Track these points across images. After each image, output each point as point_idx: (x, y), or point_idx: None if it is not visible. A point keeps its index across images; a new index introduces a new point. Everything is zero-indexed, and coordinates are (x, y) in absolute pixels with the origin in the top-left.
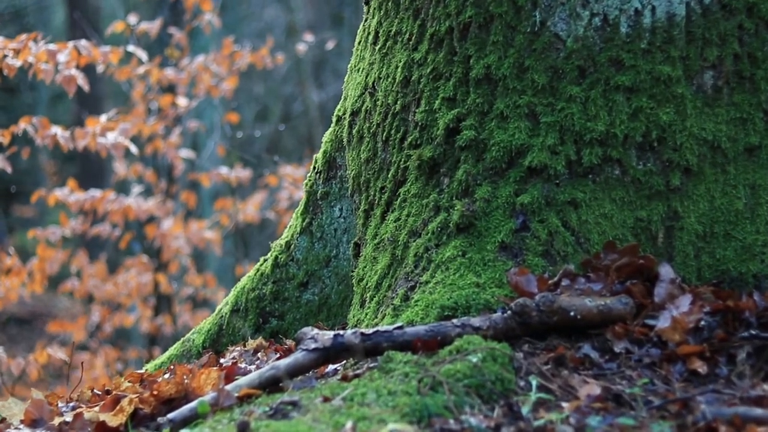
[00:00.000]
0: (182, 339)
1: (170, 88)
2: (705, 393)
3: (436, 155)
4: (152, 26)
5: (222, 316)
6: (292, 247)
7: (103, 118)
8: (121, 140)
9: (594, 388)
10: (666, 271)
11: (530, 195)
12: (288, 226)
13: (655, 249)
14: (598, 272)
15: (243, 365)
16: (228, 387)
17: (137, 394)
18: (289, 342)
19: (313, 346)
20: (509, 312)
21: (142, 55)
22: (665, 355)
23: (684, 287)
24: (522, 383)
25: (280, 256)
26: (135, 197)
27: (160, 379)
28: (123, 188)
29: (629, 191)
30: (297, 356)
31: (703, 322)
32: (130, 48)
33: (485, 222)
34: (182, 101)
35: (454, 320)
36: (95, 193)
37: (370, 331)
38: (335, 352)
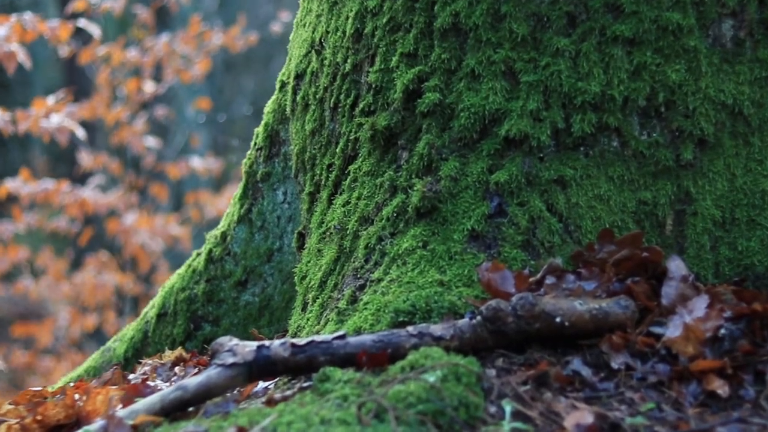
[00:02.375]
0: (102, 348)
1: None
2: (727, 423)
3: (392, 124)
4: (116, 4)
5: (147, 321)
6: (229, 238)
7: (51, 100)
8: (67, 123)
9: (585, 416)
10: (676, 266)
11: (507, 172)
12: (225, 214)
13: (663, 239)
14: (592, 268)
15: (157, 382)
16: (122, 413)
17: (19, 419)
18: None
19: (230, 360)
20: (479, 318)
21: (95, 30)
22: (676, 373)
23: (699, 286)
24: (493, 409)
25: (214, 250)
26: (92, 189)
27: (49, 400)
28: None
29: (630, 167)
30: (210, 374)
31: (723, 331)
32: (81, 24)
33: (452, 205)
34: (149, 86)
35: (410, 328)
36: (48, 184)
37: (304, 341)
38: (259, 368)
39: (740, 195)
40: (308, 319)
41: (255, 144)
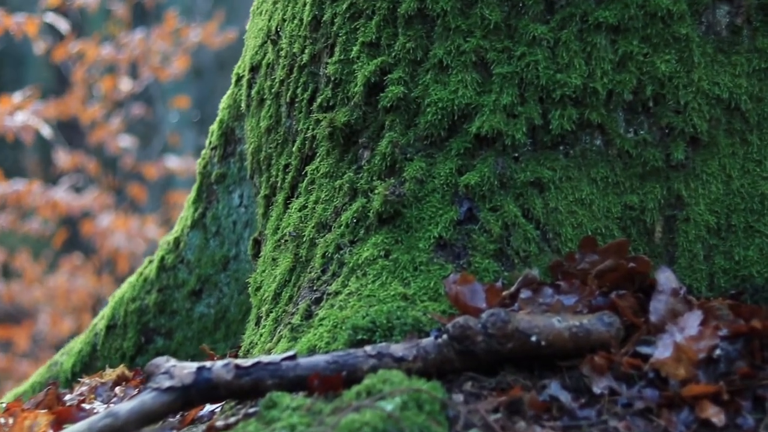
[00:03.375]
0: (49, 362)
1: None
2: None
3: (352, 120)
4: (91, 0)
5: (96, 333)
6: (182, 245)
7: (17, 97)
8: (32, 122)
9: None
10: (666, 278)
11: (478, 173)
12: (179, 218)
13: (651, 247)
14: (572, 280)
15: (95, 404)
16: None
17: None
18: None
19: (166, 384)
20: (445, 336)
21: (63, 25)
22: (665, 398)
23: (691, 301)
24: None
25: (167, 257)
26: (65, 190)
27: None
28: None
29: (615, 168)
30: (144, 399)
31: (718, 351)
32: (48, 19)
33: (417, 210)
34: (126, 84)
35: (368, 347)
36: (19, 185)
37: (250, 362)
38: (199, 392)
39: (737, 199)
40: (261, 335)
41: (210, 143)
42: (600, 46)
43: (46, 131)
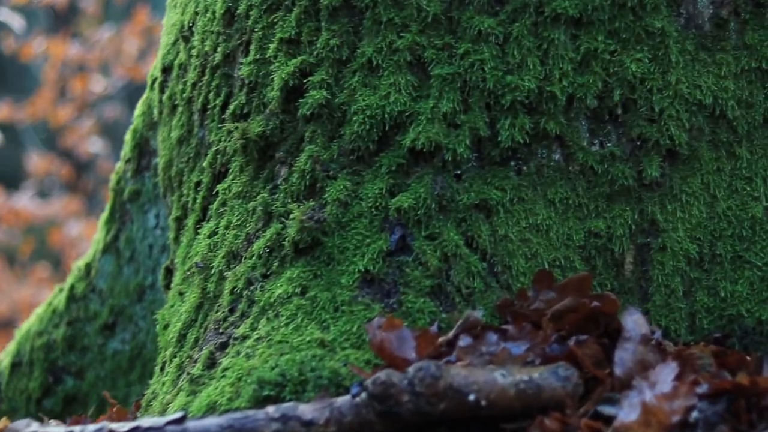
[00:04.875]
0: None
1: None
2: None
3: (268, 131)
4: None
5: (0, 372)
6: (93, 272)
7: None
8: None
9: None
10: (634, 321)
11: (413, 195)
12: (93, 240)
13: (620, 282)
14: (523, 323)
15: None
16: None
17: None
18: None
19: None
20: (364, 395)
21: (17, 23)
22: None
23: (665, 349)
24: None
25: (77, 285)
26: (30, 198)
27: None
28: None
29: (577, 188)
30: None
31: (695, 414)
32: (1, 18)
33: (340, 239)
34: (97, 84)
35: (272, 408)
36: None
37: (126, 427)
38: None
39: (723, 223)
40: (164, 384)
41: (123, 155)
42: (558, 42)
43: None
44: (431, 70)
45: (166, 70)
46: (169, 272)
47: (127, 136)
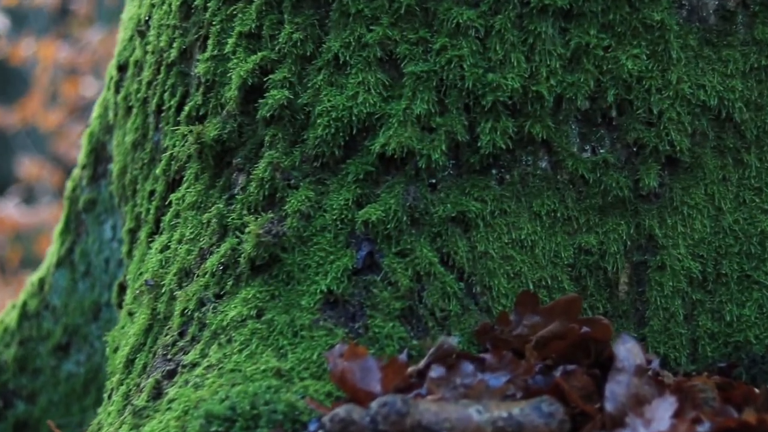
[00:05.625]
0: None
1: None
2: None
3: (225, 135)
4: None
5: None
6: (47, 287)
7: None
8: None
9: None
10: (628, 350)
11: (383, 206)
12: (48, 253)
13: (614, 305)
14: (503, 350)
15: None
16: None
17: None
18: None
19: None
20: None
21: (1, 24)
22: None
23: (663, 380)
24: None
25: (29, 302)
26: (15, 205)
27: None
28: None
29: (566, 199)
30: None
31: None
32: None
33: (301, 255)
34: (90, 87)
35: None
36: None
37: None
38: None
39: (729, 239)
40: (110, 414)
41: (79, 161)
42: (546, 36)
43: None
44: (404, 68)
45: (122, 68)
46: (123, 289)
47: (83, 140)
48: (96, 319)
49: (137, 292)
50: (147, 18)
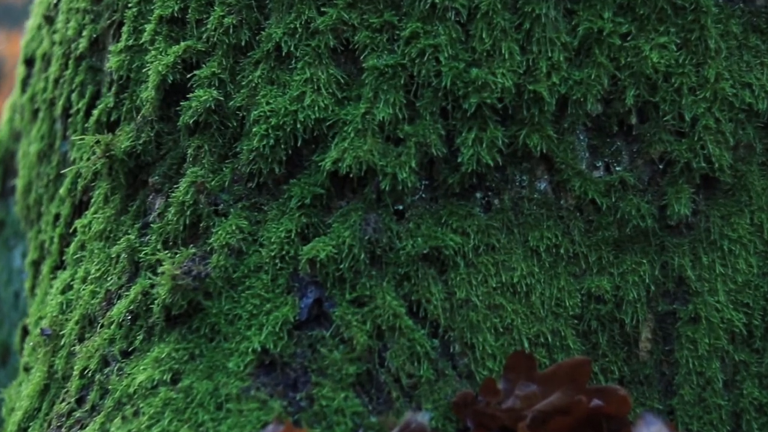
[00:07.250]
0: None
1: None
2: None
3: (139, 146)
4: None
5: None
6: None
7: None
8: None
9: None
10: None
11: (334, 240)
12: None
13: (633, 369)
14: (489, 429)
15: None
16: None
17: None
18: None
19: None
20: None
21: None
22: None
23: None
24: None
25: None
26: None
27: None
28: None
29: (572, 231)
30: None
31: None
32: None
33: (229, 303)
34: None
35: None
36: None
37: None
38: None
39: None
40: None
41: None
42: (546, 21)
43: None
44: (364, 61)
45: (29, 62)
46: (26, 333)
47: None
48: (4, 364)
49: (33, 342)
50: (56, 1)
